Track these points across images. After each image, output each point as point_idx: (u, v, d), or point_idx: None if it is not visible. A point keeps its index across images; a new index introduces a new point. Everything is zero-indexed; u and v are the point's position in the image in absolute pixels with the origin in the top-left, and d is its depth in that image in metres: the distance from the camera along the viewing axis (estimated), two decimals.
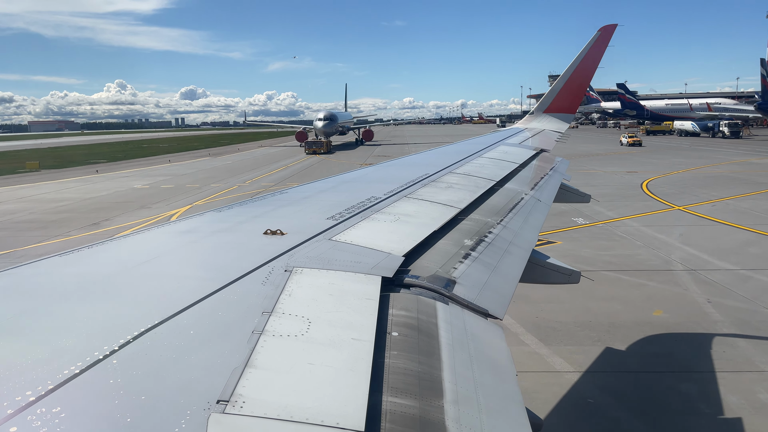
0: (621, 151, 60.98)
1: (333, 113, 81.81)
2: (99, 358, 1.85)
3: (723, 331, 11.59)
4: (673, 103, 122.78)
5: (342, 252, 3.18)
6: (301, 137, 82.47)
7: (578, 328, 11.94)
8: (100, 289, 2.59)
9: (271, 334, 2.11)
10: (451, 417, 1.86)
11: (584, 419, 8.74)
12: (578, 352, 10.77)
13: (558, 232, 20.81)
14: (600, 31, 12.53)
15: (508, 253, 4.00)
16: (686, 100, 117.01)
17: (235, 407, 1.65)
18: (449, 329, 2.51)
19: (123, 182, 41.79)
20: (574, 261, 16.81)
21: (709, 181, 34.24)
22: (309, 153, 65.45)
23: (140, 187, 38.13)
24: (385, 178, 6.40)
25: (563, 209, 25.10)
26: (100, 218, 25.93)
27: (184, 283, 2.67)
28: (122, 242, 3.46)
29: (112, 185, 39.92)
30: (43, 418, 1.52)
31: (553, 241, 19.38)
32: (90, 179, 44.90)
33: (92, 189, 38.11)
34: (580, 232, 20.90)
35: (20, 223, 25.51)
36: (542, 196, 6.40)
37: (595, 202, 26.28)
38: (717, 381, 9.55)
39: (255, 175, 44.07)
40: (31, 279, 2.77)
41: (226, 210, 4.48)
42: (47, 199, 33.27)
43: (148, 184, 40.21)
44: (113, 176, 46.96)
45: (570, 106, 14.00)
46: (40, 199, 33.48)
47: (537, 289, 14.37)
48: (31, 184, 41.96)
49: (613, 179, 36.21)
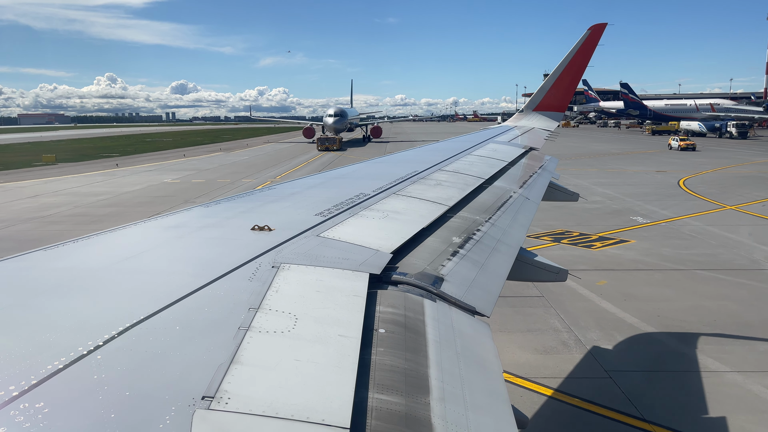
0: (637, 150, 61.09)
1: (343, 109, 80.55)
2: (83, 353, 1.83)
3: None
4: (673, 103, 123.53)
5: (330, 248, 3.17)
6: (308, 133, 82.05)
7: (707, 326, 11.93)
8: (85, 284, 2.56)
9: (258, 331, 2.10)
10: (437, 414, 1.87)
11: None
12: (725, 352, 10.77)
13: (622, 231, 20.80)
14: (590, 29, 12.57)
15: (496, 251, 4.02)
16: (693, 101, 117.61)
17: (221, 403, 1.64)
18: (436, 326, 2.51)
19: (150, 176, 40.95)
20: (660, 260, 16.92)
21: (744, 181, 34.49)
22: (321, 149, 64.34)
23: (171, 182, 37.53)
24: (374, 175, 6.39)
25: (616, 208, 25.31)
26: (153, 212, 25.38)
27: (170, 278, 2.65)
28: (108, 237, 3.43)
29: (142, 179, 39.19)
30: (26, 413, 1.51)
31: (626, 240, 19.31)
32: (114, 173, 43.97)
33: (124, 183, 37.43)
34: (647, 231, 20.86)
35: (73, 216, 25.07)
36: (531, 194, 6.42)
37: (645, 201, 26.86)
38: None
39: (280, 170, 43.68)
40: (14, 273, 2.73)
41: (213, 205, 4.45)
42: (83, 192, 32.57)
43: (177, 178, 39.56)
44: (136, 170, 45.94)
45: (560, 105, 14.05)
46: (76, 192, 32.78)
47: (639, 286, 14.59)
48: (55, 178, 40.96)
49: (647, 178, 36.28)
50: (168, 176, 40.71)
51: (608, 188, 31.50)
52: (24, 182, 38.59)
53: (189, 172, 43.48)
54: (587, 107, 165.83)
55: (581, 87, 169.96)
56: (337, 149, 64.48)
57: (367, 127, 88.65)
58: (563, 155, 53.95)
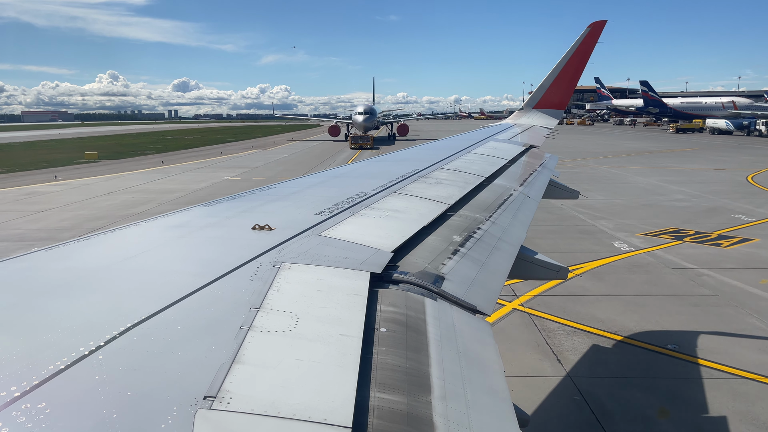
0: (674, 147, 60.52)
1: (372, 107, 78.99)
2: (85, 353, 1.83)
3: None
4: (689, 101, 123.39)
5: (331, 247, 3.17)
6: (334, 131, 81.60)
7: None
8: (86, 284, 2.57)
9: (259, 330, 2.10)
10: (438, 412, 1.87)
11: None
12: None
13: (736, 229, 20.30)
14: (589, 27, 12.56)
15: (496, 249, 4.02)
16: (718, 98, 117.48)
17: (222, 403, 1.64)
18: (437, 325, 2.52)
19: (208, 174, 40.10)
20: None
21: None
22: (355, 148, 63.06)
23: (232, 179, 36.81)
24: (374, 174, 6.39)
25: (708, 206, 24.70)
26: None
27: (172, 278, 2.66)
28: (109, 237, 3.43)
29: (202, 177, 38.42)
30: (28, 413, 1.51)
31: (749, 238, 18.79)
32: (166, 170, 42.99)
33: (186, 180, 36.74)
34: (762, 229, 20.28)
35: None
36: (531, 192, 6.42)
37: (732, 199, 26.35)
38: None
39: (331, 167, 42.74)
40: (16, 273, 2.74)
41: (214, 204, 4.45)
42: (155, 190, 31.87)
43: (237, 176, 38.73)
44: (186, 168, 44.92)
45: (560, 102, 14.05)
46: (146, 189, 32.06)
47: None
48: (113, 175, 40.07)
49: (712, 176, 35.80)
50: (224, 174, 39.84)
51: (683, 186, 30.96)
52: (85, 179, 37.89)
53: (243, 170, 42.67)
54: (599, 105, 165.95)
55: (594, 85, 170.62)
56: (371, 147, 63.13)
57: (393, 125, 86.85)
58: (600, 153, 53.78)
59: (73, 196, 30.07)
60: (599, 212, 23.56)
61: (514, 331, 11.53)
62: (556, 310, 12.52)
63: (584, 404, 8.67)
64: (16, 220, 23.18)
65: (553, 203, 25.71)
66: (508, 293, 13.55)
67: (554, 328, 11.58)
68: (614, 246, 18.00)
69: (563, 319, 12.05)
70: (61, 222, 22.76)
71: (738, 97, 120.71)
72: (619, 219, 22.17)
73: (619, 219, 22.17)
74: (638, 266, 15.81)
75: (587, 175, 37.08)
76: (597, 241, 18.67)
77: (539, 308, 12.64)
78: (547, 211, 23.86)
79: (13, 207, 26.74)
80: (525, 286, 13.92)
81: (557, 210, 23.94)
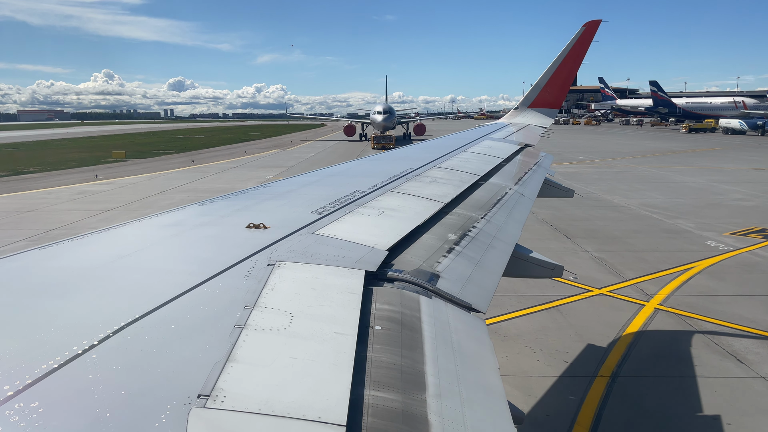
0: (698, 147, 60.37)
1: (390, 107, 77.86)
2: (78, 352, 1.82)
3: None
4: (696, 101, 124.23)
5: (325, 246, 3.17)
6: (350, 131, 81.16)
7: None
8: (79, 283, 2.55)
9: (253, 329, 2.10)
10: (433, 410, 1.87)
11: None
12: None
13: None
14: (584, 26, 12.59)
15: (491, 248, 4.02)
16: (724, 98, 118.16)
17: (216, 401, 1.64)
18: (432, 323, 2.52)
19: (247, 173, 39.58)
20: None
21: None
22: (377, 148, 61.97)
23: (274, 178, 36.10)
24: (369, 172, 6.39)
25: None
26: None
27: (165, 276, 2.65)
28: (102, 236, 3.42)
29: (244, 176, 37.98)
30: (21, 413, 1.50)
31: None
32: (201, 170, 42.44)
33: (230, 179, 36.36)
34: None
35: None
36: (526, 190, 6.43)
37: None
38: None
39: None
40: (8, 273, 2.72)
41: (208, 203, 4.45)
42: (202, 189, 31.63)
43: (277, 174, 38.23)
44: (222, 167, 44.30)
45: (555, 101, 14.08)
46: (194, 189, 31.82)
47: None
48: (152, 174, 39.66)
49: (754, 175, 35.66)
50: (264, 173, 39.26)
51: (735, 186, 30.85)
52: (126, 179, 37.54)
53: (281, 169, 42.17)
54: (604, 104, 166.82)
55: (597, 85, 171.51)
56: (393, 148, 62.38)
57: (408, 124, 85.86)
58: (627, 153, 53.76)
59: (128, 195, 29.89)
60: (670, 212, 23.46)
61: (675, 330, 11.37)
62: (700, 309, 12.31)
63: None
64: (88, 219, 22.97)
65: (617, 203, 25.91)
66: (638, 293, 13.47)
67: (712, 329, 11.36)
68: (710, 246, 17.86)
69: (714, 319, 11.82)
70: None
71: (743, 98, 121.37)
72: (695, 219, 22.11)
73: (696, 219, 22.11)
74: (750, 265, 15.74)
75: (631, 174, 37.06)
76: (689, 241, 18.59)
77: (683, 308, 12.45)
78: (617, 210, 24.04)
79: (76, 206, 26.55)
80: (652, 285, 13.93)
81: (626, 209, 24.08)
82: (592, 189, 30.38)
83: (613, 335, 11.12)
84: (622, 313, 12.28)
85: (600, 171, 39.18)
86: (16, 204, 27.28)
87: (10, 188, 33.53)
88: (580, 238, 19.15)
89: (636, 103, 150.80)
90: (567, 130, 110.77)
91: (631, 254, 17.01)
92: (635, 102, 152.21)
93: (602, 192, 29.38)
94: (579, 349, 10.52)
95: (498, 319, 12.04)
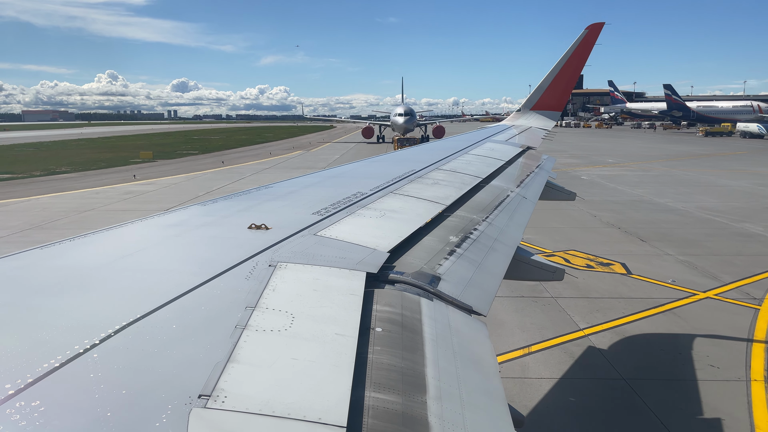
0: (722, 151, 59.92)
1: (411, 108, 77.62)
2: (80, 352, 1.83)
3: None
4: (707, 105, 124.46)
5: (327, 247, 3.17)
6: (368, 133, 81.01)
7: None
8: (81, 283, 2.56)
9: (255, 329, 2.10)
10: (434, 413, 1.87)
11: None
12: None
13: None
14: (587, 29, 12.59)
15: (493, 250, 4.02)
16: (735, 102, 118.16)
17: (217, 402, 1.64)
18: (433, 325, 2.52)
19: (284, 174, 38.92)
20: None
21: None
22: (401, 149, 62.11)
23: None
24: (371, 174, 6.40)
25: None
26: None
27: (167, 277, 2.65)
28: (104, 235, 3.43)
29: (278, 176, 35.90)
30: (22, 411, 1.51)
31: None
32: (236, 170, 42.14)
33: (267, 180, 34.87)
34: None
35: None
36: (528, 193, 6.43)
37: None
38: None
39: None
40: (10, 272, 2.73)
41: (210, 204, 4.45)
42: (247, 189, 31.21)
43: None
44: (255, 168, 43.90)
45: (557, 104, 14.07)
46: (239, 189, 30.95)
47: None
48: (190, 174, 39.55)
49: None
50: (300, 174, 38.97)
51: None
52: (165, 179, 37.39)
53: (313, 171, 41.71)
54: (613, 108, 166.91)
55: (606, 88, 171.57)
56: None
57: (427, 126, 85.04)
58: (655, 156, 53.55)
59: (176, 195, 29.82)
60: (731, 215, 23.31)
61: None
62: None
63: None
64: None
65: (672, 206, 25.74)
66: (744, 296, 13.36)
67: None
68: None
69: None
70: None
71: (755, 101, 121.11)
72: (761, 222, 22.02)
73: (763, 222, 22.02)
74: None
75: (670, 177, 36.92)
76: (766, 245, 18.47)
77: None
78: (677, 213, 23.95)
79: (129, 206, 26.56)
80: (756, 289, 13.81)
81: (686, 213, 24.02)
82: (639, 192, 30.23)
83: (744, 338, 11.05)
84: (740, 316, 12.14)
85: (637, 174, 38.92)
86: (71, 204, 27.20)
87: (53, 188, 33.42)
88: (655, 241, 19.03)
89: (646, 106, 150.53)
90: (580, 133, 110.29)
91: (717, 258, 16.86)
92: (645, 105, 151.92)
93: (652, 195, 29.16)
94: (719, 354, 10.40)
95: (619, 322, 11.98)
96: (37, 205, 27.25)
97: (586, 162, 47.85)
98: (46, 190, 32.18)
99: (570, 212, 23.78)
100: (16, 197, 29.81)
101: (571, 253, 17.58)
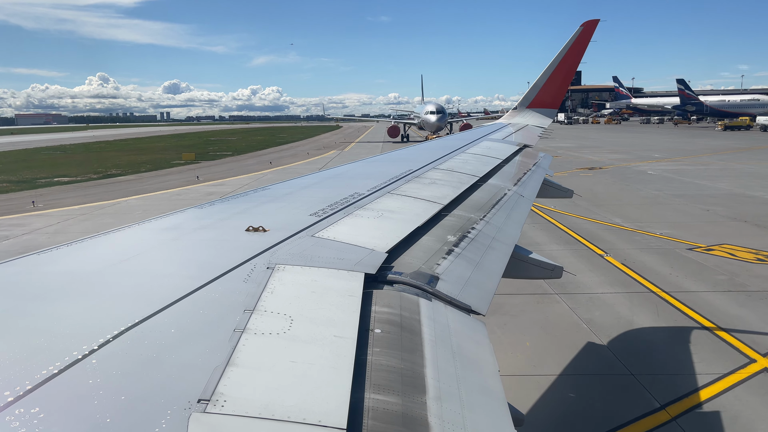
0: (754, 146, 59.07)
1: (442, 106, 77.63)
2: (78, 357, 1.82)
3: None
4: (717, 99, 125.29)
5: (325, 248, 3.17)
6: (394, 132, 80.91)
7: None
8: (79, 288, 2.56)
9: (253, 332, 2.10)
10: (433, 413, 1.87)
11: None
12: None
13: None
14: (582, 26, 12.59)
15: (491, 249, 4.02)
16: (743, 96, 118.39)
17: (216, 406, 1.64)
18: (432, 325, 2.52)
19: None
20: None
21: None
22: None
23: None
24: (368, 174, 6.39)
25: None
26: None
27: (165, 281, 2.65)
28: (102, 240, 3.42)
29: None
30: (21, 418, 1.50)
31: None
32: (290, 170, 41.40)
33: None
34: None
35: None
36: (525, 191, 6.43)
37: None
38: None
39: None
40: (7, 278, 2.72)
41: (207, 206, 4.45)
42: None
43: None
44: (306, 168, 42.59)
45: (553, 101, 14.07)
46: None
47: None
48: (248, 175, 38.83)
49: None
50: None
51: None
52: (227, 180, 36.72)
53: None
54: (618, 103, 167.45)
55: (611, 84, 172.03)
56: None
57: (452, 124, 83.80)
58: (690, 151, 52.65)
59: None
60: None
61: None
62: None
63: None
64: None
65: (739, 201, 24.84)
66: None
67: None
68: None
69: None
70: None
71: (762, 95, 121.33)
72: None
73: None
74: None
75: (737, 171, 35.83)
76: None
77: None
78: (744, 205, 23.22)
79: None
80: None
81: (757, 206, 23.33)
82: (724, 186, 29.28)
83: None
84: None
85: (699, 168, 37.65)
86: (165, 205, 26.12)
87: (127, 190, 32.41)
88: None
89: (652, 101, 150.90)
90: (593, 129, 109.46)
91: None
92: (651, 101, 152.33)
93: (741, 189, 28.06)
94: None
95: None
96: (134, 206, 26.31)
97: (633, 157, 46.84)
98: (123, 193, 31.03)
99: (677, 206, 23.24)
100: (100, 200, 28.64)
101: (727, 248, 16.78)
